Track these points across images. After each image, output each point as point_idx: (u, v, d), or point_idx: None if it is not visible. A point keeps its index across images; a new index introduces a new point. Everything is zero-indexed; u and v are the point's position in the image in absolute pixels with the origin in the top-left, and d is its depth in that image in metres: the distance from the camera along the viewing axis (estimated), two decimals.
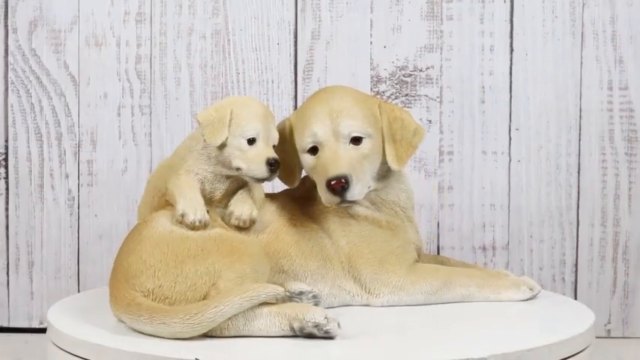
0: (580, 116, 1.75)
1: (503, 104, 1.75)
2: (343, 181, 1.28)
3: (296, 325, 1.15)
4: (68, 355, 1.19)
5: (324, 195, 1.29)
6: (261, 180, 1.30)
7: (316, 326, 1.15)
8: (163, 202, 1.32)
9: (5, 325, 1.77)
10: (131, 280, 1.19)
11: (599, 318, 1.74)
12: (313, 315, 1.15)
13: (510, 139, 1.75)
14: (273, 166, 1.29)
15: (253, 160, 1.29)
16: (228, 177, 1.31)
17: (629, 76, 1.74)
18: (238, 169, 1.29)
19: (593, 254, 1.76)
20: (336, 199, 1.29)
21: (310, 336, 1.15)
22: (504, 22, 1.74)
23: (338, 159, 1.30)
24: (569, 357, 1.19)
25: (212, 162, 1.31)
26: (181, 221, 1.25)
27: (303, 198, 1.37)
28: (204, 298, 1.18)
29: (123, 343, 1.15)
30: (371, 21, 1.75)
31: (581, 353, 1.21)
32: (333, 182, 1.28)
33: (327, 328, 1.15)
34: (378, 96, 1.75)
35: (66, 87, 1.75)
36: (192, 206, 1.26)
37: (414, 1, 1.74)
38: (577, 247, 1.76)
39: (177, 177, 1.31)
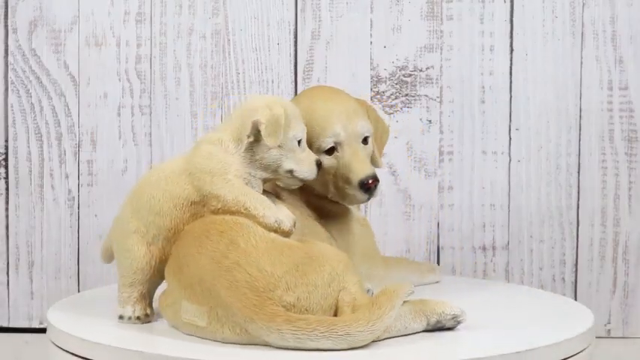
0: (580, 116, 1.75)
1: (503, 104, 1.75)
2: (375, 180, 1.33)
3: (433, 320, 1.19)
4: (68, 355, 1.19)
5: (355, 194, 1.33)
6: (305, 182, 1.28)
7: (453, 318, 1.20)
8: (200, 210, 1.23)
9: (5, 325, 1.77)
10: (266, 295, 1.13)
11: (599, 318, 1.74)
12: (451, 309, 1.20)
13: (510, 139, 1.75)
14: (319, 166, 1.29)
15: (304, 162, 1.26)
16: (263, 180, 1.26)
17: (629, 76, 1.74)
18: (289, 171, 1.25)
19: (593, 254, 1.76)
20: (366, 198, 1.34)
21: (440, 328, 1.20)
22: (504, 22, 1.74)
23: (364, 159, 1.34)
24: (569, 357, 1.19)
25: (254, 165, 1.24)
26: (276, 229, 1.20)
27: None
28: (336, 306, 1.17)
29: (123, 342, 1.15)
30: (371, 21, 1.75)
31: (581, 353, 1.21)
32: (369, 181, 1.32)
33: (461, 319, 1.20)
34: (378, 96, 1.75)
35: (66, 87, 1.75)
36: (282, 213, 1.22)
37: (414, 1, 1.74)
38: (577, 247, 1.76)
39: (229, 183, 1.23)
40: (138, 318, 1.24)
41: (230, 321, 1.14)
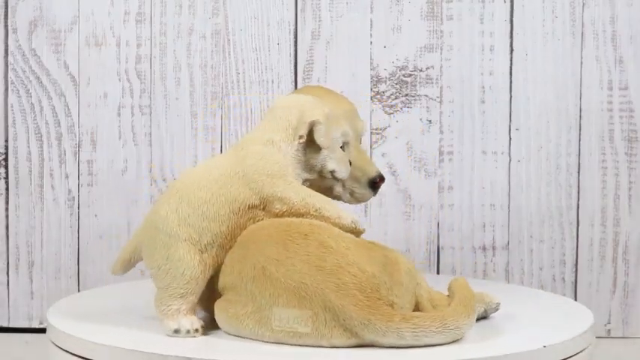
0: (580, 116, 1.75)
1: (503, 104, 1.75)
2: (382, 178, 1.35)
3: (482, 309, 1.26)
4: (68, 355, 1.19)
5: (364, 193, 1.34)
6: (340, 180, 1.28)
7: (496, 307, 1.28)
8: (259, 214, 1.20)
9: (5, 325, 1.77)
10: (374, 295, 1.12)
11: (599, 318, 1.74)
12: (495, 298, 1.28)
13: (510, 139, 1.75)
14: (350, 165, 1.29)
15: (342, 161, 1.25)
16: (304, 181, 1.24)
17: (629, 76, 1.74)
18: (332, 171, 1.24)
19: (593, 254, 1.76)
20: (372, 195, 1.35)
21: (482, 318, 1.27)
22: (504, 22, 1.74)
23: (369, 158, 1.37)
24: (569, 357, 1.19)
25: (300, 165, 1.22)
26: (352, 230, 1.20)
27: None
28: (416, 301, 1.19)
29: (123, 342, 1.15)
30: (371, 21, 1.75)
31: (581, 353, 1.21)
32: (378, 180, 1.34)
33: (499, 307, 1.29)
34: (378, 96, 1.75)
35: (66, 87, 1.75)
36: (352, 214, 1.22)
37: (414, 1, 1.74)
38: (577, 247, 1.76)
39: (292, 185, 1.20)
40: (197, 330, 1.17)
41: (340, 325, 1.11)
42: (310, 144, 1.23)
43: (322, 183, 1.27)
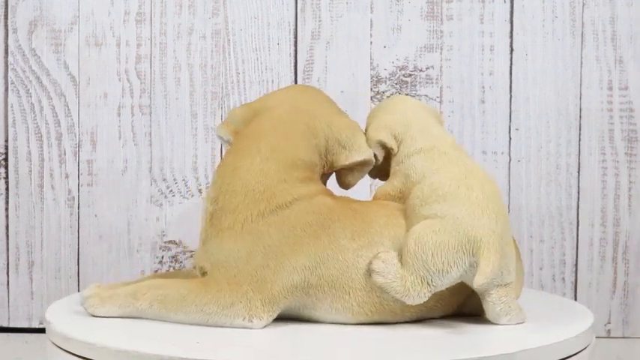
0: (580, 116, 1.75)
1: (503, 104, 1.75)
2: None
3: None
4: (68, 355, 1.19)
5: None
6: None
7: None
8: None
9: (5, 325, 1.77)
10: None
11: (599, 318, 1.74)
12: None
13: (510, 139, 1.75)
14: None
15: None
16: None
17: (629, 76, 1.74)
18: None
19: (593, 254, 1.76)
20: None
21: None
22: (504, 22, 1.74)
23: None
24: (569, 357, 1.19)
25: None
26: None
27: None
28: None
29: (123, 342, 1.15)
30: (371, 21, 1.75)
31: (581, 353, 1.21)
32: None
33: None
34: (378, 96, 1.75)
35: (66, 87, 1.75)
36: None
37: (414, 1, 1.74)
38: (577, 247, 1.76)
39: None
40: None
41: None
42: None
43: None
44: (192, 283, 1.23)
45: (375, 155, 1.33)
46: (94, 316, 1.25)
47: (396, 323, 1.24)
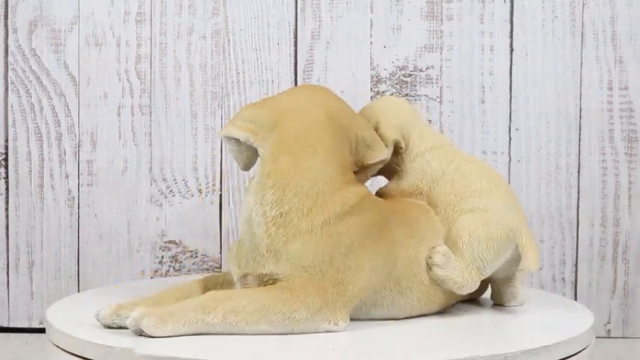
0: (580, 116, 1.75)
1: (503, 104, 1.75)
2: None
3: None
4: (68, 355, 1.19)
5: None
6: None
7: None
8: None
9: (5, 325, 1.77)
10: None
11: (599, 318, 1.74)
12: None
13: (510, 139, 1.75)
14: None
15: None
16: None
17: (629, 76, 1.74)
18: None
19: (593, 254, 1.76)
20: None
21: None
22: (504, 22, 1.74)
23: None
24: (569, 357, 1.19)
25: None
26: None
27: None
28: None
29: (123, 342, 1.14)
30: (371, 21, 1.75)
31: (581, 353, 1.21)
32: None
33: None
34: (378, 96, 1.75)
35: (66, 87, 1.75)
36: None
37: (413, 1, 1.74)
38: (577, 247, 1.76)
39: None
40: None
41: None
42: None
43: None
44: (272, 291, 1.17)
45: None
46: (153, 337, 1.15)
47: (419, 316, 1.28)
